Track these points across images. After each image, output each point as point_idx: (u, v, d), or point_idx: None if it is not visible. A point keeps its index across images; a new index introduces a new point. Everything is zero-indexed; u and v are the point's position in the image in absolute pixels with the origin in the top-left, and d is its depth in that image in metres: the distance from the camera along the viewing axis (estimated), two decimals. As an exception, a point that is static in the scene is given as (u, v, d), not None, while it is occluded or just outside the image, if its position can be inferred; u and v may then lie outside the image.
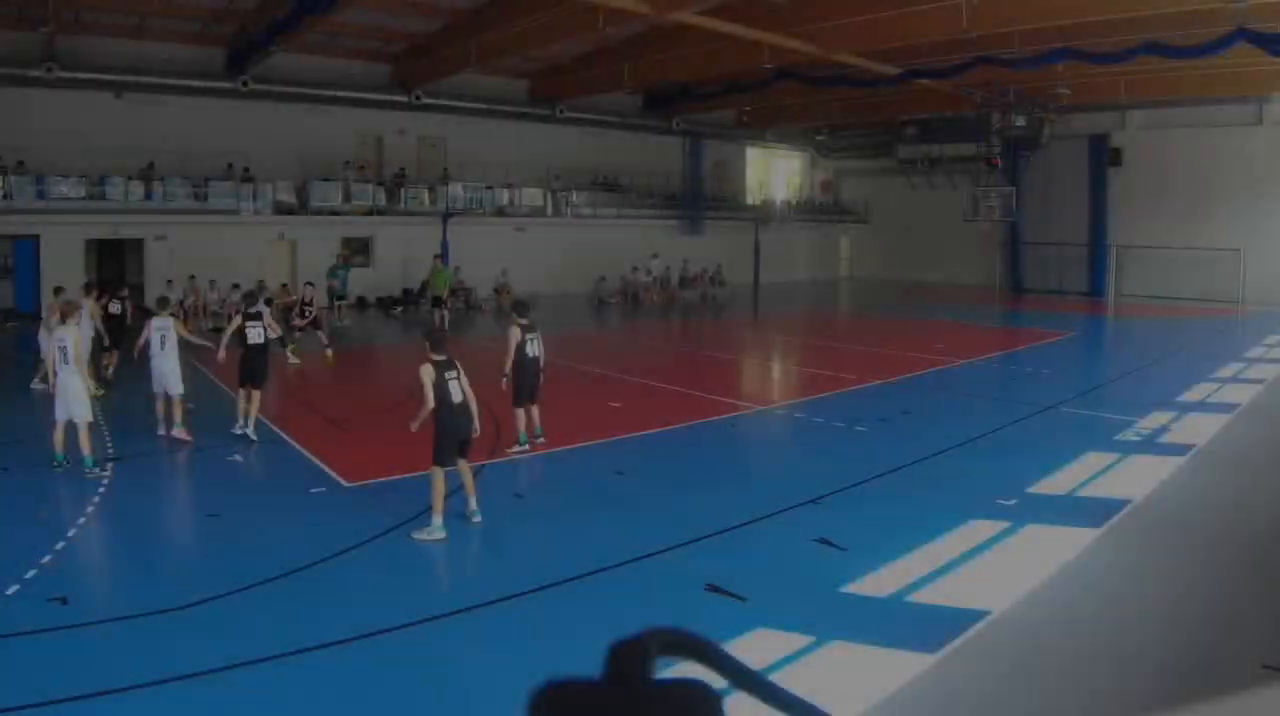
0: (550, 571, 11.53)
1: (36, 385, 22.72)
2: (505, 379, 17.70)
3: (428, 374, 13.10)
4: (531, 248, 52.84)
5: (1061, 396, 23.89)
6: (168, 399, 19.10)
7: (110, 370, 24.93)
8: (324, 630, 9.76)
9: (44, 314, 23.24)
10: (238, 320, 19.79)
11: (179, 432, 18.97)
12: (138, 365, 20.32)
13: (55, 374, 16.33)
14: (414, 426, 13.53)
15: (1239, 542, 13.34)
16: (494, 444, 17.33)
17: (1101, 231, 57.85)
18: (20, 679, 8.60)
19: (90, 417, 16.16)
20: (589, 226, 56.18)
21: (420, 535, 13.01)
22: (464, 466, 13.75)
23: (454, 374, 13.37)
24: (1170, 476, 16.47)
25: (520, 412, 18.01)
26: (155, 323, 19.50)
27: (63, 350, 16.12)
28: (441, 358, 13.39)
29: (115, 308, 25.97)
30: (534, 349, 17.91)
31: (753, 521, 13.61)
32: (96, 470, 15.90)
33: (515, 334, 17.70)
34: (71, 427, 16.10)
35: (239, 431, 18.87)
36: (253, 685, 8.73)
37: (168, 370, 18.91)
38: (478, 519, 13.61)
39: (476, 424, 13.72)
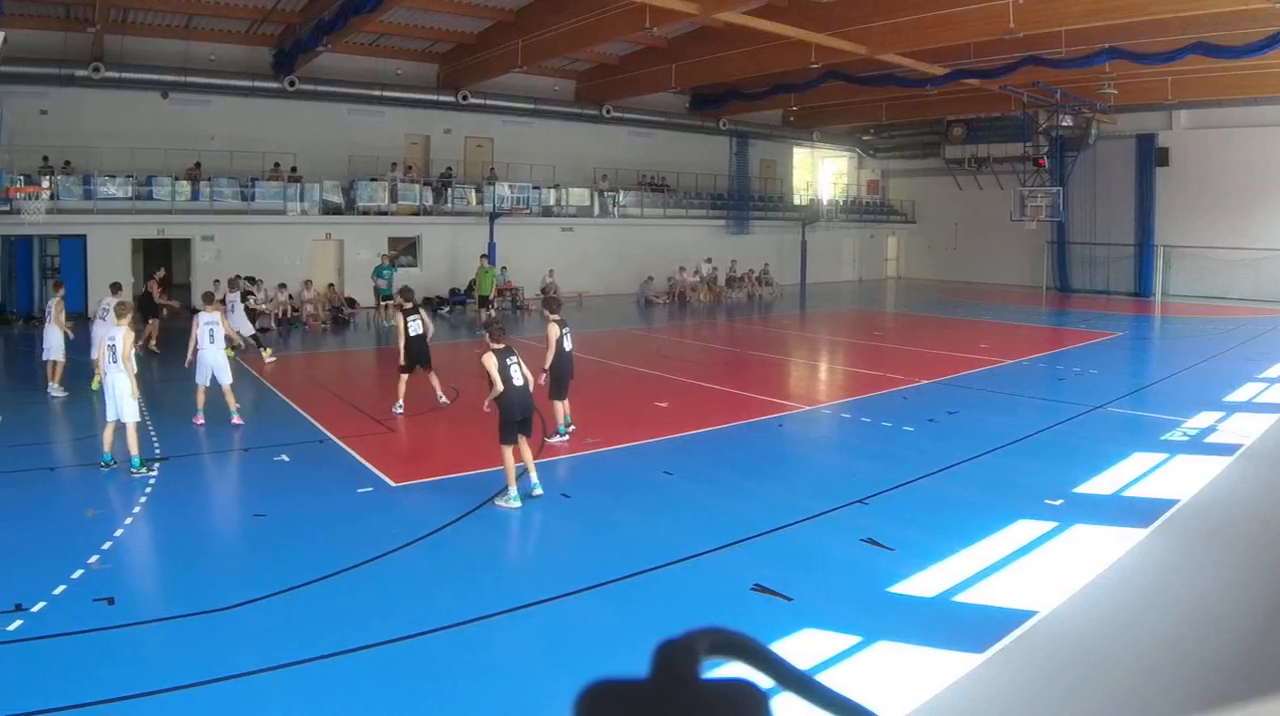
0: (598, 571, 11.55)
1: (55, 392, 22.57)
2: (545, 374, 18.17)
3: (491, 362, 14.33)
4: (578, 248, 52.96)
5: (1108, 396, 23.72)
6: (217, 388, 20.03)
7: (153, 341, 26.60)
8: (371, 630, 9.78)
9: (49, 310, 23.05)
10: (399, 317, 21.82)
11: (236, 418, 20.03)
12: (190, 362, 20.63)
13: (104, 373, 16.50)
14: (485, 406, 14.76)
15: (1286, 542, 13.26)
16: (542, 443, 17.46)
17: (1149, 231, 57.44)
18: (68, 679, 8.61)
19: (137, 418, 16.26)
20: (636, 226, 56.11)
21: (501, 502, 14.25)
22: (524, 444, 14.64)
23: (514, 360, 14.61)
24: (1217, 476, 16.34)
25: (558, 404, 18.59)
26: (203, 317, 20.30)
27: (111, 348, 16.23)
28: (501, 346, 14.61)
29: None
30: (569, 343, 18.64)
31: (800, 521, 13.58)
32: (143, 470, 15.97)
33: (554, 330, 18.43)
34: (120, 427, 16.28)
35: (436, 403, 21.65)
36: (300, 686, 8.75)
37: (219, 362, 20.01)
38: (539, 492, 14.51)
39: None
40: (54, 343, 22.51)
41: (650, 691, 1.01)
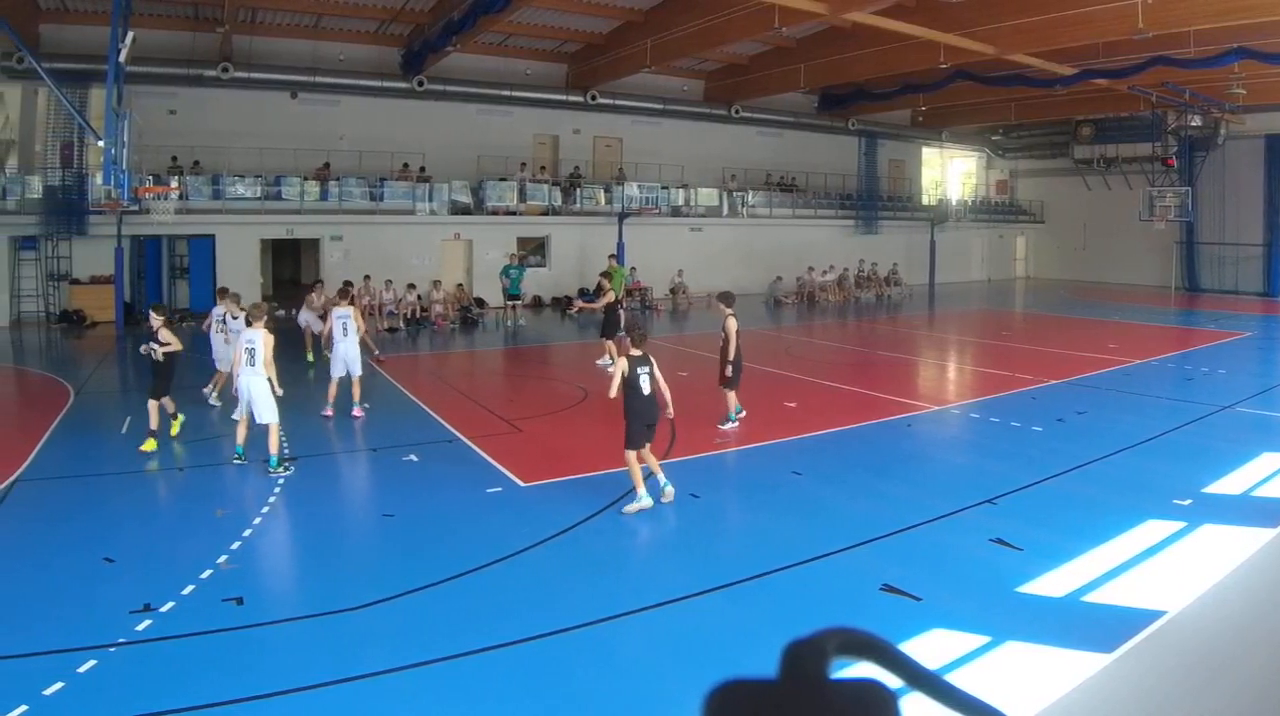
0: (726, 571, 11.51)
1: (210, 392, 22.37)
2: (730, 366, 18.98)
3: (620, 367, 14.34)
4: (707, 248, 52.91)
5: (1237, 396, 23.33)
6: (348, 378, 20.94)
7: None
8: (499, 631, 9.82)
9: (228, 319, 22.85)
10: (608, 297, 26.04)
11: (357, 411, 20.80)
12: (326, 347, 21.42)
13: (238, 376, 16.76)
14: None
15: None
16: (666, 445, 17.52)
17: (1278, 231, 56.46)
18: (196, 679, 8.70)
19: (276, 419, 16.52)
20: (764, 227, 56.10)
21: (629, 508, 14.13)
22: (647, 449, 14.59)
23: (647, 369, 14.46)
24: (1348, 475, 16.09)
25: (731, 393, 19.51)
26: (337, 312, 21.24)
27: (250, 352, 16.43)
28: (639, 353, 14.51)
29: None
30: None
31: (928, 521, 13.49)
32: (280, 470, 16.22)
33: (733, 324, 19.10)
34: (251, 423, 16.71)
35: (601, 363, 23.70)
36: (428, 686, 8.80)
37: (352, 355, 20.82)
38: (670, 489, 14.37)
39: (670, 410, 15.54)
40: (226, 354, 22.08)
41: (779, 691, 1.03)
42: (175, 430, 18.68)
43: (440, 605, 10.62)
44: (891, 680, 1.06)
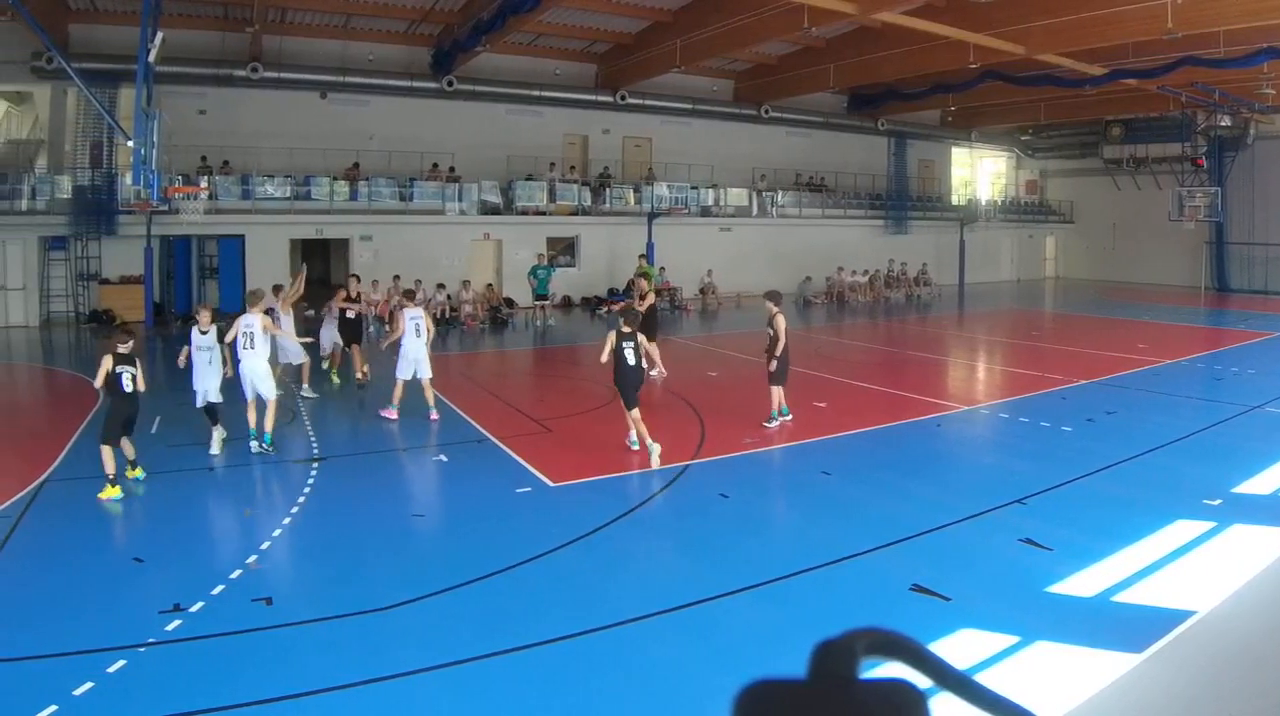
0: (756, 571, 11.51)
1: (306, 393, 22.43)
2: (776, 362, 19.27)
3: (611, 340, 17.14)
4: (736, 248, 52.72)
5: (1267, 396, 23.16)
6: (416, 381, 20.66)
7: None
8: (529, 630, 9.82)
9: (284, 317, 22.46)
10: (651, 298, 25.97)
11: (433, 415, 20.46)
12: (390, 348, 21.43)
13: (237, 360, 17.08)
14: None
15: None
16: (696, 445, 17.66)
17: (1308, 231, 56.21)
18: (226, 679, 8.73)
19: (274, 395, 17.05)
20: (794, 227, 55.77)
21: (653, 460, 16.41)
22: (636, 415, 16.98)
23: (631, 343, 17.16)
24: (1378, 475, 16.01)
25: (777, 390, 19.72)
26: (409, 313, 20.82)
27: (249, 335, 16.83)
28: (627, 330, 17.20)
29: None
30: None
31: (958, 521, 13.48)
32: (270, 449, 16.76)
33: (782, 321, 19.45)
34: (259, 405, 17.19)
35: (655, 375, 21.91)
36: (459, 686, 8.82)
37: (422, 356, 20.46)
38: (658, 450, 16.37)
39: (660, 368, 19.28)
40: (293, 349, 22.13)
41: (809, 691, 1.03)
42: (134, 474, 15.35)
43: (470, 605, 10.63)
44: (921, 680, 1.06)
